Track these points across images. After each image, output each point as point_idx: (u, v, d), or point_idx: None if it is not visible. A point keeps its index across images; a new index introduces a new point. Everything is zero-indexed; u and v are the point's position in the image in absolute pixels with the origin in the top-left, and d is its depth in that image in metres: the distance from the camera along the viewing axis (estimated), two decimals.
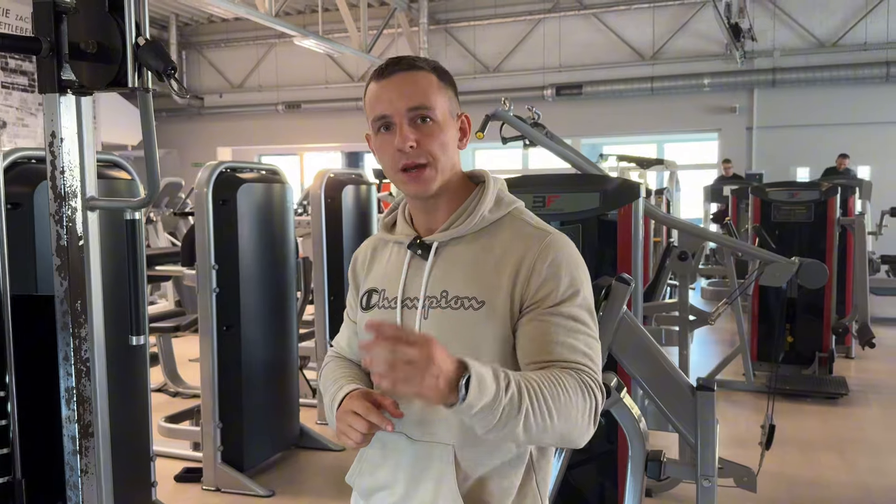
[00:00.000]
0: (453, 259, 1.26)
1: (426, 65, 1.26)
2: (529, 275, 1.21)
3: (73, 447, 1.54)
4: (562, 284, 1.20)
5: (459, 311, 1.22)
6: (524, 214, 1.30)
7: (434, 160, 1.22)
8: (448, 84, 1.27)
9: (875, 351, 6.05)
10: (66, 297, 1.53)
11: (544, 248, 1.22)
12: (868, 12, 11.31)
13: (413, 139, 1.20)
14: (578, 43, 12.87)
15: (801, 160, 11.82)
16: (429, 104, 1.22)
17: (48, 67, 1.46)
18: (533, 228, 1.26)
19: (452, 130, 1.26)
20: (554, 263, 1.21)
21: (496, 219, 1.27)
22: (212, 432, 3.73)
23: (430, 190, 1.24)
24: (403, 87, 1.22)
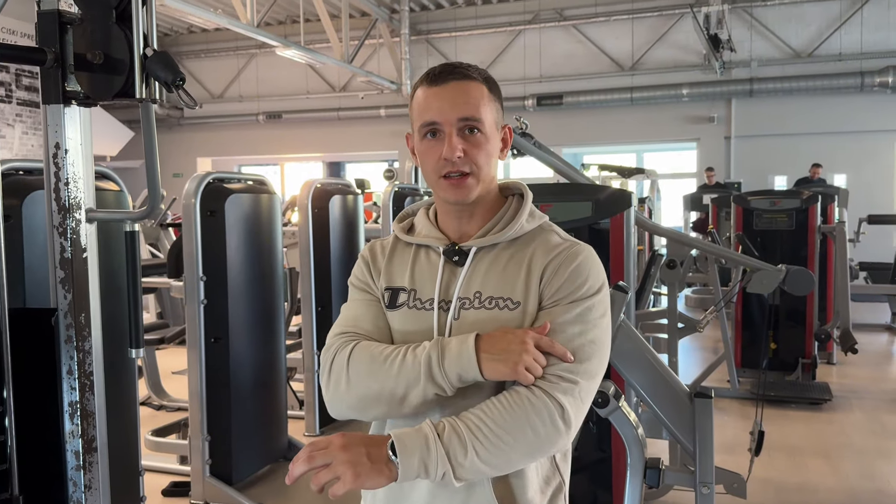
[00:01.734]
0: (488, 264, 1.29)
1: (479, 75, 1.28)
2: (553, 277, 1.25)
3: (77, 462, 1.52)
4: (578, 285, 1.24)
5: (494, 311, 1.25)
6: (553, 227, 1.36)
7: (478, 170, 1.26)
8: (497, 96, 1.31)
9: (855, 357, 6.15)
10: (69, 310, 1.51)
11: (571, 255, 1.27)
12: (842, 24, 11.52)
13: (461, 149, 1.24)
14: (559, 54, 12.97)
15: (778, 169, 11.99)
16: (479, 116, 1.25)
17: (53, 78, 1.44)
18: (562, 239, 1.32)
19: (496, 142, 1.30)
20: (577, 267, 1.25)
21: (530, 229, 1.31)
22: (200, 445, 3.69)
23: (470, 198, 1.27)
24: (456, 97, 1.24)
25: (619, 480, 3.02)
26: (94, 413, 1.54)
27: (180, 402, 5.18)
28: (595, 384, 1.23)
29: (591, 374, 1.21)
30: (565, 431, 1.16)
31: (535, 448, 1.16)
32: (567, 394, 1.16)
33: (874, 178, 11.59)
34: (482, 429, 1.13)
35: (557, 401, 1.15)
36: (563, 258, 1.26)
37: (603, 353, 1.25)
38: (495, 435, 1.13)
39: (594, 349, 1.22)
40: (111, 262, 2.58)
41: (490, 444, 1.13)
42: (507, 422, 1.14)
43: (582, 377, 1.19)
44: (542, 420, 1.14)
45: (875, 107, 11.48)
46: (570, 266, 1.25)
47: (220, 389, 3.74)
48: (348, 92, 14.23)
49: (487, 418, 1.14)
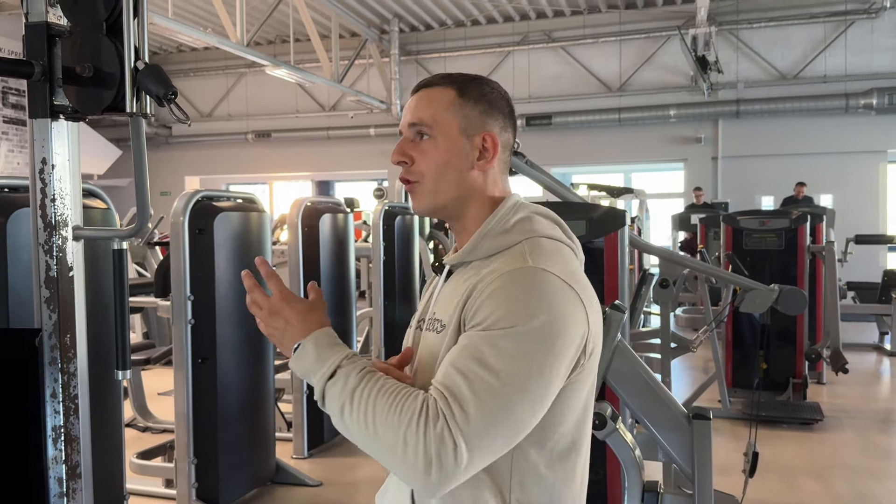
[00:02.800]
0: (453, 282, 1.20)
1: (450, 80, 1.21)
2: (475, 299, 1.09)
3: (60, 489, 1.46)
4: (496, 313, 1.05)
5: (430, 334, 1.18)
6: (536, 245, 1.14)
7: (424, 178, 1.18)
8: (472, 99, 1.20)
9: (845, 376, 6.14)
10: (54, 330, 1.46)
11: (505, 274, 1.08)
12: (826, 46, 11.67)
13: (404, 155, 1.19)
14: (548, 75, 13.06)
15: (765, 189, 12.08)
16: (427, 120, 1.17)
17: (40, 92, 1.40)
18: (522, 258, 1.11)
19: (459, 150, 1.18)
20: (502, 290, 1.06)
21: (508, 245, 1.15)
22: (186, 468, 3.62)
23: (421, 207, 1.21)
24: (413, 106, 1.21)
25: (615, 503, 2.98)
26: (78, 438, 1.48)
27: (166, 423, 5.09)
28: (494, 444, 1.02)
29: (486, 437, 1.00)
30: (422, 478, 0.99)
31: (383, 458, 1.03)
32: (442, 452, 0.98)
33: (859, 199, 11.69)
34: (360, 403, 1.04)
35: (430, 454, 0.98)
36: (492, 279, 1.08)
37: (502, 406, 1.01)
38: (364, 418, 1.03)
39: (485, 395, 1.00)
40: (98, 281, 2.53)
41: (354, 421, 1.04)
42: (375, 427, 1.02)
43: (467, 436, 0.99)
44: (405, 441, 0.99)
45: (860, 128, 11.61)
46: (491, 287, 1.07)
47: (207, 411, 3.68)
48: (338, 111, 14.24)
49: (373, 400, 1.03)
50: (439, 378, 1.05)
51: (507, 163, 1.26)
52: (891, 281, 8.05)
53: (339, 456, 4.70)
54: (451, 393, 1.01)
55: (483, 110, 1.21)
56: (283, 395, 5.23)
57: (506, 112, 1.24)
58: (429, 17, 12.88)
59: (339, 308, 5.01)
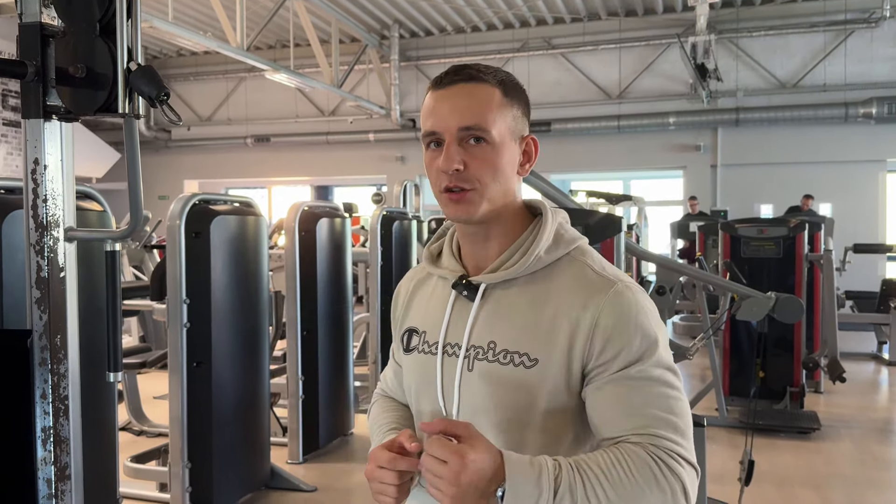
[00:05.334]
0: (504, 305, 1.11)
1: (491, 77, 1.11)
2: (592, 333, 1.05)
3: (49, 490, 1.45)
4: (634, 342, 1.05)
5: (509, 368, 1.07)
6: (586, 256, 1.14)
7: (482, 186, 1.08)
8: (516, 101, 1.13)
9: (843, 386, 6.12)
10: (45, 331, 1.45)
11: (609, 301, 1.06)
12: (826, 55, 11.70)
13: (460, 161, 1.07)
14: (547, 82, 13.08)
15: (764, 197, 12.09)
16: (484, 124, 1.07)
17: (34, 92, 1.40)
18: (596, 275, 1.10)
19: (511, 154, 1.11)
20: (622, 319, 1.05)
21: (553, 260, 1.12)
22: (180, 473, 3.60)
23: (474, 215, 1.10)
24: (459, 102, 1.08)
25: None
26: (67, 439, 1.48)
27: (161, 427, 5.07)
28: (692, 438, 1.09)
29: (691, 439, 1.08)
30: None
31: None
32: (686, 469, 1.03)
33: (858, 208, 11.70)
34: (599, 495, 0.98)
35: (678, 479, 1.00)
36: (601, 307, 1.06)
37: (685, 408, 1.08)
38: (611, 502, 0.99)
39: (681, 409, 1.06)
40: (93, 283, 2.52)
41: None
42: (628, 497, 0.99)
43: (690, 451, 1.05)
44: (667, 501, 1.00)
45: (859, 137, 11.62)
46: (611, 318, 1.05)
47: (202, 415, 3.67)
48: (337, 116, 14.26)
49: (607, 484, 0.98)
50: (633, 424, 1.03)
51: None
52: (889, 290, 8.04)
53: (334, 461, 4.69)
54: (660, 428, 1.03)
55: (524, 112, 1.16)
56: (278, 400, 5.22)
57: (530, 111, 1.19)
58: (429, 23, 12.91)
59: (335, 313, 5.00)
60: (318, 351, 4.79)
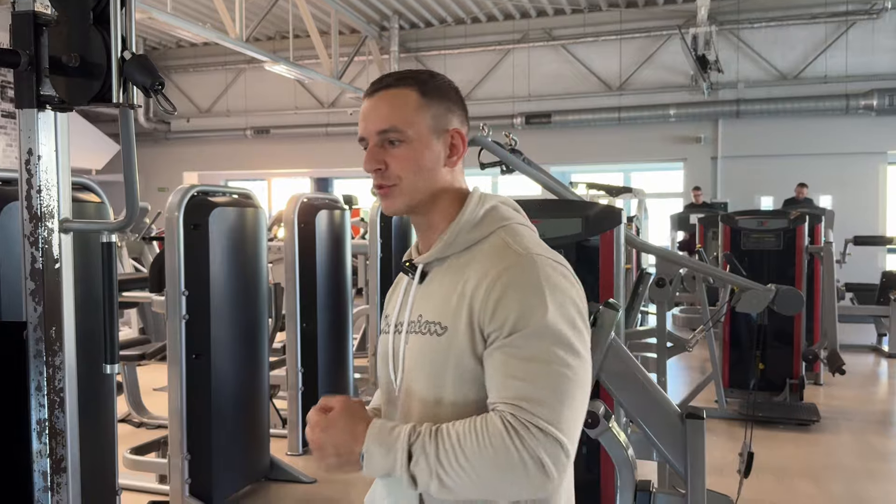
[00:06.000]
0: (435, 282, 1.21)
1: (410, 81, 1.21)
2: (487, 298, 1.12)
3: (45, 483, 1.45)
4: (521, 310, 1.09)
5: (427, 337, 1.17)
6: (511, 233, 1.19)
7: (401, 181, 1.19)
8: (436, 99, 1.21)
9: (842, 378, 6.13)
10: (39, 323, 1.44)
11: (508, 270, 1.12)
12: (827, 47, 11.65)
13: (380, 162, 1.19)
14: (547, 73, 13.04)
15: (764, 189, 12.06)
16: (399, 125, 1.18)
17: (27, 82, 1.38)
18: (508, 248, 1.16)
19: (432, 150, 1.20)
20: (514, 286, 1.10)
21: (481, 237, 1.19)
22: (179, 464, 3.60)
23: (397, 209, 1.21)
24: (378, 108, 1.20)
25: (608, 503, 2.96)
26: (63, 431, 1.47)
27: (161, 419, 5.08)
28: (578, 421, 1.10)
29: (571, 419, 1.08)
30: (544, 484, 1.05)
31: (504, 491, 1.08)
32: (542, 436, 1.05)
33: (859, 200, 11.68)
34: (451, 461, 1.05)
35: (537, 454, 1.04)
36: (496, 276, 1.12)
37: (570, 383, 1.08)
38: (463, 472, 1.05)
39: (550, 381, 1.07)
40: (90, 275, 2.51)
41: (455, 480, 1.06)
42: (480, 471, 1.05)
43: (561, 425, 1.06)
44: (512, 464, 1.04)
45: (860, 129, 11.59)
46: (500, 286, 1.11)
47: (201, 407, 3.67)
48: (337, 108, 14.21)
49: (460, 451, 1.05)
50: (503, 393, 1.08)
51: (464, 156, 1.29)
52: (889, 282, 8.04)
53: None
54: (524, 398, 1.06)
55: (447, 107, 1.22)
56: (277, 392, 5.22)
57: (461, 104, 1.26)
58: (429, 15, 12.86)
59: (335, 305, 4.99)
60: (318, 343, 4.78)
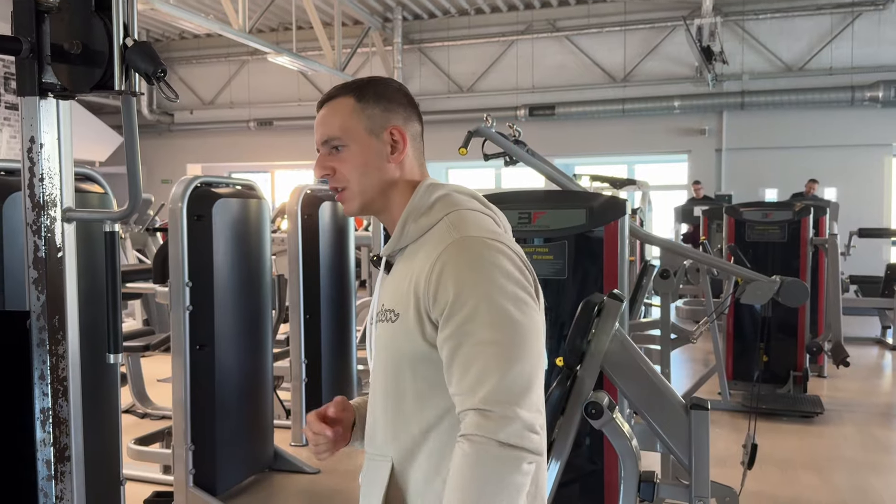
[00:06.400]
0: (396, 271, 1.28)
1: (347, 89, 1.29)
2: (427, 284, 1.16)
3: (48, 472, 1.45)
4: (451, 294, 1.13)
5: (384, 325, 1.24)
6: (457, 218, 1.23)
7: (349, 182, 1.27)
8: (371, 102, 1.28)
9: (846, 370, 6.12)
10: (42, 312, 1.44)
11: (444, 252, 1.16)
12: (832, 38, 11.59)
13: (327, 168, 1.28)
14: (551, 65, 12.98)
15: (769, 182, 12.02)
16: (336, 134, 1.26)
17: (28, 69, 1.38)
18: (448, 233, 1.20)
19: (372, 149, 1.27)
20: (444, 271, 1.14)
21: (431, 225, 1.24)
22: (183, 455, 3.61)
23: (353, 209, 1.29)
24: (320, 122, 1.29)
25: (612, 493, 2.96)
26: (67, 420, 1.47)
27: (164, 410, 5.09)
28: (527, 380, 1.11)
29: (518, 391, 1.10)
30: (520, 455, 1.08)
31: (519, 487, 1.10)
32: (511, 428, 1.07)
33: (864, 192, 11.63)
34: None
35: (510, 444, 1.07)
36: (434, 261, 1.16)
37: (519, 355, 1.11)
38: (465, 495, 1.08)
39: (493, 360, 1.10)
40: (94, 266, 2.50)
41: None
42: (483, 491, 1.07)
43: (513, 397, 1.08)
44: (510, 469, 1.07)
45: (865, 121, 11.53)
46: (438, 271, 1.15)
47: (205, 398, 3.67)
48: None
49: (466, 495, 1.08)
50: (453, 389, 1.13)
51: (421, 150, 1.34)
52: (894, 275, 8.01)
53: None
54: (471, 388, 1.09)
55: (384, 107, 1.29)
56: (281, 383, 5.23)
57: (405, 104, 1.31)
58: (432, 6, 12.81)
59: (338, 297, 4.99)
60: (321, 334, 4.78)
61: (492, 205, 1.33)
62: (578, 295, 2.70)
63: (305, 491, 4.00)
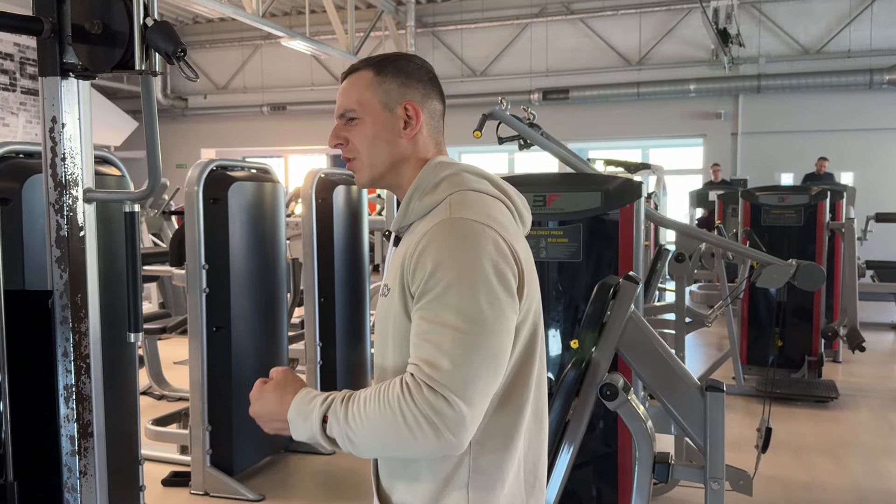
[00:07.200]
0: (399, 248, 1.28)
1: (367, 63, 1.30)
2: (410, 260, 1.17)
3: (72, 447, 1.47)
4: (427, 271, 1.13)
5: (380, 298, 1.27)
6: (458, 199, 1.21)
7: (359, 153, 1.28)
8: (390, 75, 1.28)
9: (862, 355, 6.09)
10: (65, 290, 1.46)
11: (431, 231, 1.16)
12: (851, 20, 11.43)
13: (341, 138, 1.29)
14: (565, 48, 12.90)
15: (785, 166, 11.92)
16: (352, 106, 1.28)
17: (50, 49, 1.39)
18: (443, 213, 1.19)
19: (386, 123, 1.27)
20: (428, 249, 1.14)
21: (435, 203, 1.23)
22: (200, 435, 3.66)
23: (362, 181, 1.31)
24: (340, 94, 1.31)
25: (625, 476, 2.97)
26: (90, 397, 1.49)
27: (181, 392, 5.15)
28: (472, 375, 1.10)
29: (469, 382, 1.09)
30: (438, 443, 1.09)
31: (393, 447, 1.13)
32: (438, 405, 1.07)
33: (882, 177, 11.51)
34: (357, 423, 1.12)
35: (425, 412, 1.07)
36: (419, 238, 1.16)
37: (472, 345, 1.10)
38: (366, 432, 1.12)
39: (449, 347, 1.09)
40: (112, 249, 2.53)
41: (362, 440, 1.13)
42: (380, 430, 1.11)
43: (457, 385, 1.08)
44: (397, 422, 1.08)
45: (884, 105, 11.39)
46: (420, 248, 1.15)
47: (222, 379, 3.71)
48: None
49: (364, 413, 1.11)
50: (412, 354, 1.13)
51: (440, 129, 1.33)
52: None
53: None
54: (423, 360, 1.10)
55: (402, 83, 1.29)
56: (296, 366, 5.27)
57: (425, 81, 1.31)
58: None
59: (352, 282, 5.01)
60: (336, 318, 4.81)
61: (510, 188, 1.30)
62: (592, 278, 2.70)
63: (321, 472, 4.04)
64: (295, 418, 1.18)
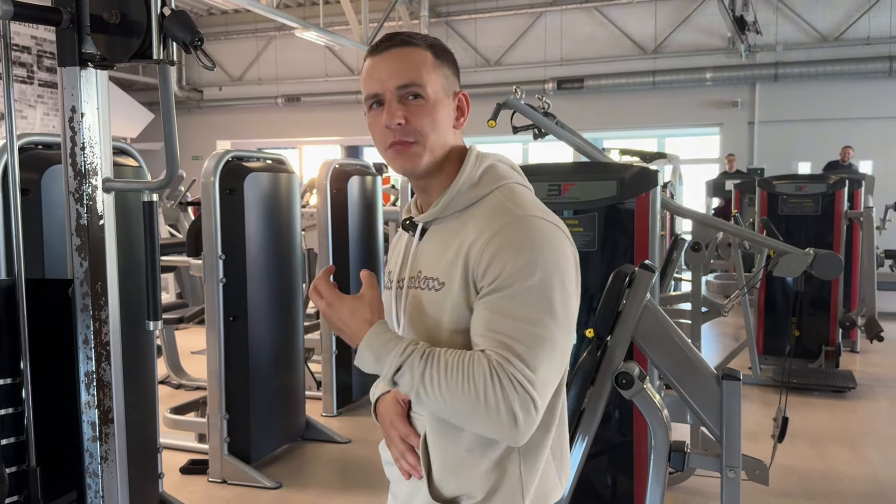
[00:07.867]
0: (434, 239, 1.24)
1: (422, 41, 1.22)
2: (481, 254, 1.14)
3: (93, 433, 1.50)
4: (505, 270, 1.12)
5: (424, 292, 1.21)
6: (509, 193, 1.21)
7: (423, 137, 1.19)
8: (445, 62, 1.24)
9: (880, 345, 6.05)
10: (86, 277, 1.48)
11: (504, 227, 1.14)
12: (871, 6, 11.27)
13: (401, 116, 1.17)
14: (580, 36, 12.81)
15: (802, 155, 11.79)
16: (419, 81, 1.18)
17: (69, 40, 1.40)
18: (505, 208, 1.18)
19: (446, 109, 1.22)
20: (507, 244, 1.12)
21: (480, 197, 1.21)
22: (218, 424, 3.69)
23: (418, 166, 1.20)
24: (394, 64, 1.19)
25: (641, 465, 2.97)
26: (110, 383, 1.51)
27: (199, 381, 5.19)
28: (551, 384, 1.13)
29: (545, 380, 1.11)
30: (511, 433, 1.09)
31: (476, 426, 1.13)
32: (519, 400, 1.08)
33: None
34: (434, 386, 1.10)
35: (511, 404, 1.07)
36: (493, 234, 1.14)
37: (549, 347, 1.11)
38: (442, 398, 1.10)
39: (535, 342, 1.10)
40: (130, 239, 2.56)
41: (432, 401, 1.11)
42: (456, 401, 1.10)
43: (536, 386, 1.09)
44: (485, 401, 1.08)
45: None
46: (496, 244, 1.13)
47: (239, 368, 3.74)
48: None
49: (444, 380, 1.10)
50: (490, 344, 1.11)
51: None
52: None
53: (367, 414, 4.75)
54: (510, 352, 1.09)
55: (454, 71, 1.26)
56: (312, 355, 5.30)
57: (458, 73, 1.29)
58: None
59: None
60: None
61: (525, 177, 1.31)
62: (608, 267, 2.69)
63: (337, 460, 4.07)
64: (365, 353, 1.15)
